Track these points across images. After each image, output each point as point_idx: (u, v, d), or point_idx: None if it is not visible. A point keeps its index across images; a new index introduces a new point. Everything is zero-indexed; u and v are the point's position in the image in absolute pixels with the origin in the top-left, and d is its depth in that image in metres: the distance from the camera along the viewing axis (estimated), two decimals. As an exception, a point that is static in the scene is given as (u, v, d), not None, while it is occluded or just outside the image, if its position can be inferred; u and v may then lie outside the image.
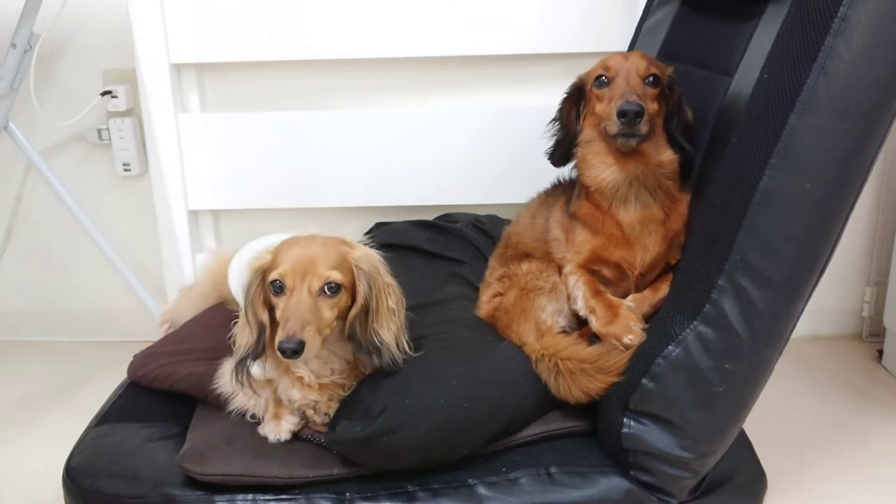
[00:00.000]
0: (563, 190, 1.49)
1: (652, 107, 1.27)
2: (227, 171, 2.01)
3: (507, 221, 1.67)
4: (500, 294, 1.45)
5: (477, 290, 1.57)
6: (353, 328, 1.19)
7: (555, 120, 1.42)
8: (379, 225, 1.96)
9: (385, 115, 1.96)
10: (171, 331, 1.67)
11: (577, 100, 1.39)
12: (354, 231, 1.95)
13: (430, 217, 1.96)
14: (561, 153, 1.41)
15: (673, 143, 1.33)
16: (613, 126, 1.24)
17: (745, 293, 1.13)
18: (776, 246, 1.12)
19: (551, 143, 1.43)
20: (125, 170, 2.11)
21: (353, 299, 1.21)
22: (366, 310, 1.19)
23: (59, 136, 2.11)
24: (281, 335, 1.10)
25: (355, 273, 1.20)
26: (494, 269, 1.54)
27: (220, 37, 1.91)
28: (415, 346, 1.30)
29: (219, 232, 2.13)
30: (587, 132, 1.35)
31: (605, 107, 1.29)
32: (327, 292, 1.15)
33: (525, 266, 1.44)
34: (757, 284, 1.13)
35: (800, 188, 1.09)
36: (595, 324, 1.29)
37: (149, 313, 2.07)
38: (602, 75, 1.31)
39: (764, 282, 1.13)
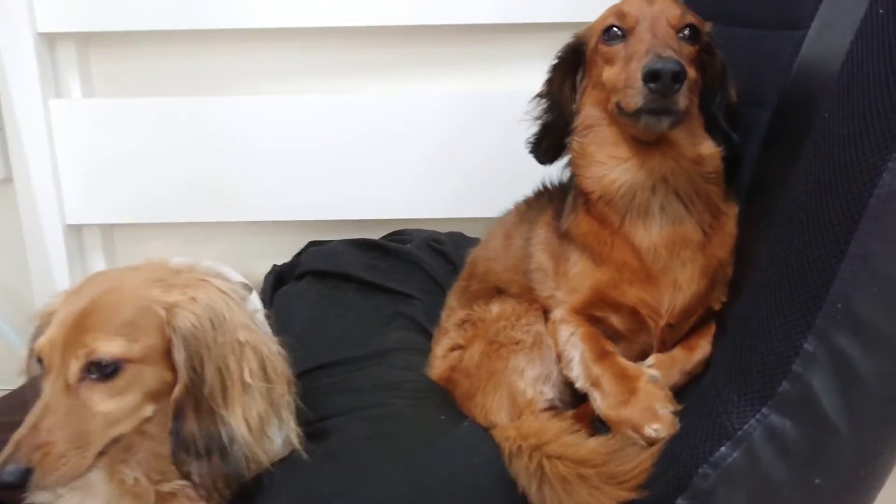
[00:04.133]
0: (550, 199, 1.05)
1: (690, 72, 0.85)
2: (119, 176, 1.56)
3: (476, 241, 1.23)
4: (461, 347, 1.02)
5: (429, 336, 1.13)
6: (181, 418, 0.75)
7: (541, 96, 0.99)
8: (312, 245, 1.51)
9: (322, 104, 1.52)
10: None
11: (572, 67, 0.97)
12: (282, 252, 1.51)
13: (377, 234, 1.52)
14: (550, 143, 0.99)
15: (714, 130, 0.91)
16: (636, 96, 0.81)
17: (847, 363, 0.69)
18: (903, 286, 0.68)
19: (536, 129, 1.00)
20: (-15, 172, 1.64)
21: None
22: (198, 389, 0.75)
23: None
24: None
25: (170, 336, 0.75)
26: (453, 309, 1.10)
27: (109, -2, 1.46)
28: (325, 431, 0.86)
29: (111, 253, 1.68)
30: (588, 112, 0.93)
31: (621, 70, 0.86)
32: (98, 375, 0.73)
33: (496, 308, 1.00)
34: (869, 349, 0.69)
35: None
36: (600, 404, 0.84)
37: (14, 356, 1.59)
38: (614, 26, 0.88)
39: (880, 344, 0.69)
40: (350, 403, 0.98)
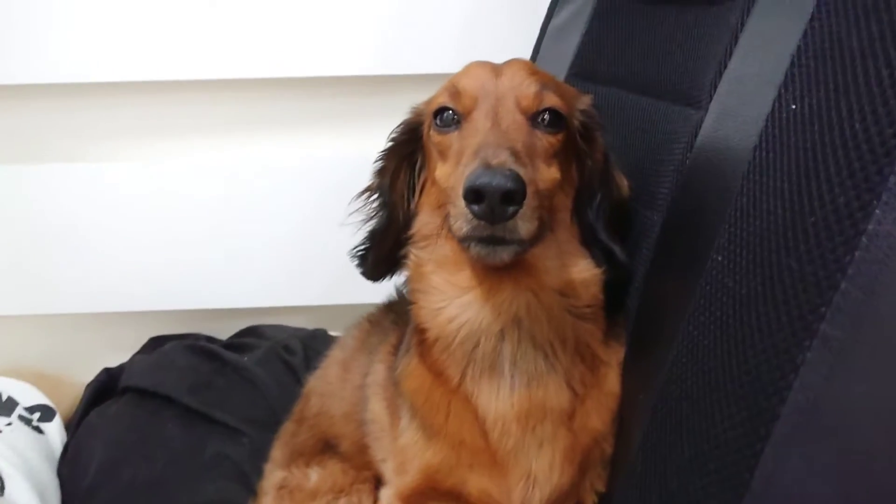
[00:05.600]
0: (395, 320, 0.80)
1: (547, 175, 0.61)
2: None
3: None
4: (276, 523, 0.76)
5: (252, 491, 0.87)
6: None
7: (370, 191, 0.74)
8: (154, 341, 1.24)
9: (161, 171, 1.27)
10: None
11: (410, 153, 0.72)
12: (119, 349, 1.24)
13: (233, 327, 1.26)
14: (379, 254, 0.73)
15: (593, 244, 0.66)
16: (460, 219, 0.56)
17: None
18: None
19: (363, 234, 0.75)
20: None
21: None
22: None
23: None
24: None
25: None
26: (275, 465, 0.84)
27: None
28: None
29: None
30: (426, 218, 0.69)
31: (451, 172, 0.62)
32: None
33: (315, 475, 0.76)
34: None
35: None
36: None
37: None
38: (446, 108, 0.64)
39: None
40: None
